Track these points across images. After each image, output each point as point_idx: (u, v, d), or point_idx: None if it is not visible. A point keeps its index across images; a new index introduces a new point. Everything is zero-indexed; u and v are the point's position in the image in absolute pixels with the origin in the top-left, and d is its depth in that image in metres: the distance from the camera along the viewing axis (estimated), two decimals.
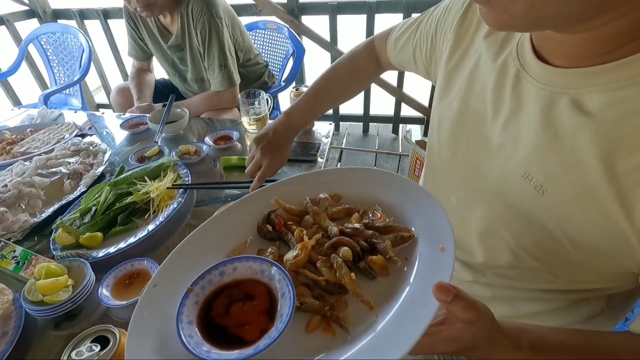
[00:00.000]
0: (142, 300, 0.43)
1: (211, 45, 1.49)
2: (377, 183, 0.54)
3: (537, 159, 0.45)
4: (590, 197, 0.40)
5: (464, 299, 0.36)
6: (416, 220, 0.48)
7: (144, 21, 1.61)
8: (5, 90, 2.66)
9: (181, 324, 0.39)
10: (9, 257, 0.75)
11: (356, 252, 0.46)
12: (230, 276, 0.45)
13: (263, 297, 0.42)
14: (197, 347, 0.37)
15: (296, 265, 0.46)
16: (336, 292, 0.44)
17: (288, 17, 2.23)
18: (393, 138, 2.82)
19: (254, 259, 0.46)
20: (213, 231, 0.52)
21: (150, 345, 0.39)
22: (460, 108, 0.57)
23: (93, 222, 0.82)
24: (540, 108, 0.44)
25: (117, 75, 2.91)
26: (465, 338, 0.39)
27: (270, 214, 0.54)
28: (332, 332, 0.40)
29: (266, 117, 1.25)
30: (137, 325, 0.40)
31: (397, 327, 0.37)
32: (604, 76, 0.38)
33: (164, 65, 1.73)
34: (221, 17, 1.49)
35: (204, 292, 0.44)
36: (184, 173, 0.96)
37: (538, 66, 0.45)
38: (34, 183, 0.94)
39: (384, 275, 0.44)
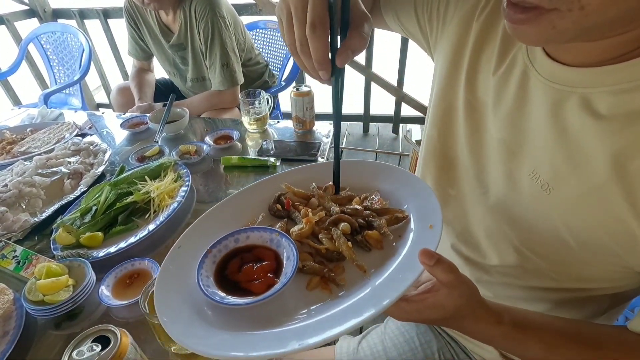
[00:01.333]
0: (168, 258, 0.51)
1: (213, 44, 1.49)
2: (378, 173, 0.61)
3: (544, 157, 0.44)
4: (599, 196, 0.40)
5: (445, 264, 0.40)
6: (410, 204, 0.54)
7: (144, 20, 1.61)
8: (5, 90, 2.66)
9: (201, 276, 0.47)
10: (10, 257, 0.75)
11: (354, 227, 0.52)
12: (244, 242, 0.52)
13: (271, 260, 0.49)
14: (213, 295, 0.45)
15: (300, 235, 0.52)
16: (335, 259, 0.50)
17: None
18: (393, 138, 2.82)
19: (265, 229, 0.53)
20: (230, 207, 0.60)
21: (175, 290, 0.47)
22: (469, 100, 0.56)
23: (93, 221, 0.82)
24: (549, 106, 0.44)
25: (117, 75, 2.91)
26: (449, 305, 0.41)
27: (280, 196, 0.61)
28: (330, 291, 0.46)
29: (266, 117, 1.25)
30: (163, 275, 0.48)
31: (385, 285, 0.43)
32: (614, 76, 0.38)
33: (164, 64, 1.73)
34: (224, 17, 1.49)
35: (220, 254, 0.51)
36: (184, 173, 0.96)
37: (547, 63, 0.44)
38: (34, 183, 0.93)
39: (379, 249, 0.50)
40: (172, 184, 0.91)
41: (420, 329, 0.72)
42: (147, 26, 1.62)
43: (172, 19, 1.53)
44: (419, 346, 0.69)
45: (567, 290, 0.51)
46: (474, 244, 0.59)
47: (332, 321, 0.40)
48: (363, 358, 0.70)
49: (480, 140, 0.54)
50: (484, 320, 0.44)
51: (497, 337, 0.45)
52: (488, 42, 0.53)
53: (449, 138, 0.60)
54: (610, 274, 0.45)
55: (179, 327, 0.41)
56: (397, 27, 0.71)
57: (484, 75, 0.53)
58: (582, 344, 0.44)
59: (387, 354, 0.69)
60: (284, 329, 0.41)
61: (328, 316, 0.41)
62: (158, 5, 1.42)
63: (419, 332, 0.72)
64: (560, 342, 0.45)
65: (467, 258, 0.61)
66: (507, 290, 0.56)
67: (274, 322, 0.42)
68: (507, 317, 0.45)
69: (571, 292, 0.51)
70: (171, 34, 1.57)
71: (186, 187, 0.90)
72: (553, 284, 0.51)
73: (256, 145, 1.17)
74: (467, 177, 0.57)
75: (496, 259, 0.55)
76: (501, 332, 0.44)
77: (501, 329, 0.44)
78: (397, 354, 0.69)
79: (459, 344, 0.69)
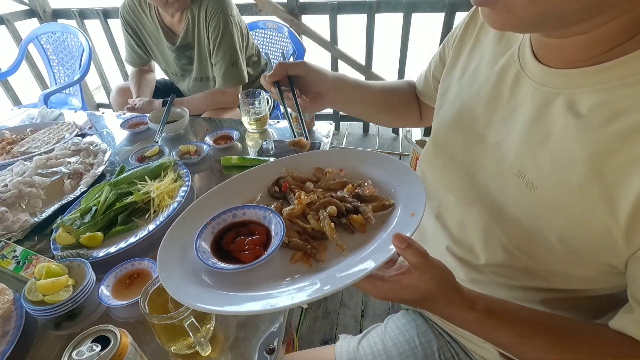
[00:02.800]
0: (173, 226, 0.57)
1: (222, 43, 1.50)
2: (373, 163, 0.65)
3: (530, 157, 0.46)
4: (578, 195, 0.41)
5: (415, 247, 0.43)
6: (400, 193, 0.57)
7: (144, 26, 1.60)
8: (5, 90, 2.66)
9: (198, 243, 0.53)
10: (10, 257, 0.75)
11: (341, 210, 0.56)
12: (240, 218, 0.59)
13: (262, 235, 0.55)
14: (206, 259, 0.51)
15: (291, 215, 0.57)
16: (319, 237, 0.55)
17: (288, 17, 2.22)
18: (393, 138, 2.82)
19: (260, 207, 0.59)
20: (233, 187, 0.65)
21: (175, 253, 0.53)
22: (459, 108, 0.59)
23: (93, 221, 0.82)
24: (536, 108, 0.46)
25: (117, 75, 2.91)
26: (421, 287, 0.44)
27: (279, 179, 0.66)
28: (310, 265, 0.51)
29: (266, 117, 1.25)
30: (168, 240, 0.55)
31: (359, 262, 0.47)
32: (597, 76, 0.40)
33: (166, 67, 1.72)
34: (234, 16, 1.51)
35: (218, 226, 0.58)
36: (184, 173, 0.96)
37: (536, 67, 0.46)
38: (34, 183, 0.93)
39: (362, 232, 0.54)
40: (172, 184, 0.91)
41: (420, 328, 0.72)
42: (147, 31, 1.62)
43: (177, 21, 1.53)
44: (419, 346, 0.69)
45: (560, 291, 0.52)
46: (467, 245, 0.59)
47: (305, 289, 0.45)
48: (363, 357, 0.70)
49: (474, 145, 0.56)
50: (457, 304, 0.46)
51: (470, 322, 0.47)
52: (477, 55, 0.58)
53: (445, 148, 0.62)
54: (598, 273, 0.46)
55: (174, 283, 0.48)
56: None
57: (475, 84, 0.57)
58: (555, 334, 0.45)
59: (387, 353, 0.69)
60: (263, 293, 0.47)
61: (302, 285, 0.46)
62: (182, 4, 1.43)
63: (419, 331, 0.72)
64: (533, 331, 0.46)
65: (461, 259, 0.62)
66: (501, 290, 0.56)
67: (257, 287, 0.48)
68: (480, 303, 0.46)
69: (564, 292, 0.51)
70: (175, 36, 1.57)
71: (186, 187, 0.90)
72: (545, 284, 0.52)
73: (256, 145, 1.17)
74: (462, 182, 0.59)
75: (487, 259, 0.56)
76: (474, 318, 0.46)
77: (474, 315, 0.46)
78: (397, 353, 0.69)
79: (459, 344, 0.69)
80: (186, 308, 0.52)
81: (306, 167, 0.68)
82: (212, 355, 0.57)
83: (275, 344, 0.59)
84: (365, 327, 0.80)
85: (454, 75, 0.63)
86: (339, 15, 2.26)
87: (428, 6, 2.14)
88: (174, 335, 0.55)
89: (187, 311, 0.52)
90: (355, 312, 1.55)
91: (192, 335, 0.52)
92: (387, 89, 0.84)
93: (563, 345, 0.44)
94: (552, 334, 0.45)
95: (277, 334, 0.60)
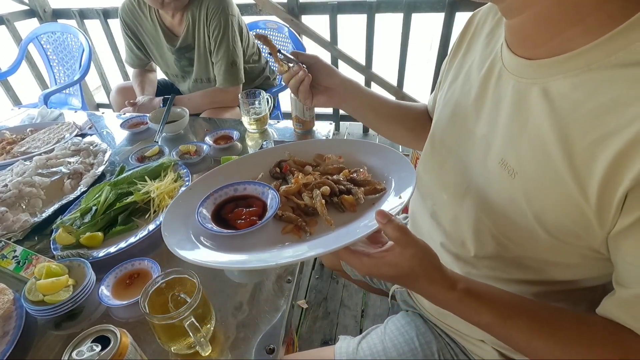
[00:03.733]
0: (180, 195, 0.65)
1: (223, 42, 1.50)
2: (370, 151, 0.70)
3: (511, 145, 0.48)
4: (554, 178, 0.42)
5: (395, 223, 0.45)
6: (393, 180, 0.62)
7: (144, 27, 1.60)
8: (5, 90, 2.66)
9: (200, 210, 0.60)
10: (10, 257, 0.75)
11: (334, 191, 0.61)
12: (241, 192, 0.65)
13: (259, 208, 0.61)
14: (205, 223, 0.58)
15: (287, 192, 0.63)
16: (310, 213, 0.60)
17: (288, 17, 2.22)
18: None
19: (260, 184, 0.65)
20: (237, 165, 0.72)
21: (178, 217, 0.60)
22: (454, 108, 0.61)
23: (93, 221, 0.82)
24: (515, 99, 0.48)
25: (117, 75, 2.91)
26: (402, 264, 0.46)
27: (281, 162, 0.71)
28: (299, 236, 0.56)
29: (266, 117, 1.25)
30: (173, 205, 0.62)
31: (343, 235, 0.52)
32: (565, 64, 0.42)
33: (166, 68, 1.72)
34: (235, 16, 1.51)
35: (220, 198, 0.64)
36: (184, 173, 0.96)
37: (512, 59, 0.49)
38: (34, 183, 0.93)
39: (352, 211, 0.59)
40: (172, 184, 0.91)
41: (420, 329, 0.72)
42: (147, 33, 1.61)
43: (177, 22, 1.53)
44: (419, 347, 0.69)
45: (552, 283, 0.52)
46: (460, 240, 0.60)
47: (292, 253, 0.51)
48: (363, 358, 0.70)
49: (466, 142, 0.58)
50: (438, 283, 0.47)
51: (451, 301, 0.48)
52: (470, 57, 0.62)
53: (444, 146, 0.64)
54: (585, 259, 0.46)
55: (174, 240, 0.54)
56: None
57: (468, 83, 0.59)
58: (536, 317, 0.46)
59: (387, 354, 0.69)
60: (252, 254, 0.53)
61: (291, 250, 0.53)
62: (180, 4, 1.42)
63: (419, 332, 0.72)
64: (513, 313, 0.47)
65: (455, 254, 0.62)
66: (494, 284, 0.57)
67: (250, 251, 0.54)
68: (462, 284, 0.47)
69: (556, 284, 0.52)
70: (176, 37, 1.57)
71: (186, 187, 0.90)
72: (536, 276, 0.52)
73: (256, 145, 1.17)
74: (456, 178, 0.60)
75: (478, 250, 0.57)
76: (454, 297, 0.47)
77: (454, 294, 0.47)
78: (397, 354, 0.69)
79: (458, 345, 0.69)
80: (186, 308, 0.52)
81: (309, 153, 0.74)
82: (212, 355, 0.57)
83: (275, 344, 0.59)
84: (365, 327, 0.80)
85: (448, 80, 0.66)
86: (339, 15, 2.26)
87: (428, 6, 2.14)
88: (174, 335, 0.55)
89: (187, 311, 0.52)
90: (355, 313, 1.55)
91: (192, 335, 0.52)
92: (402, 105, 0.85)
93: (543, 327, 0.45)
94: (532, 316, 0.46)
95: (277, 334, 0.60)
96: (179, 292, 0.56)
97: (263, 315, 0.63)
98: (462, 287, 0.47)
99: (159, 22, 1.55)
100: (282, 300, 0.66)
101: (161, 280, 0.57)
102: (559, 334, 0.44)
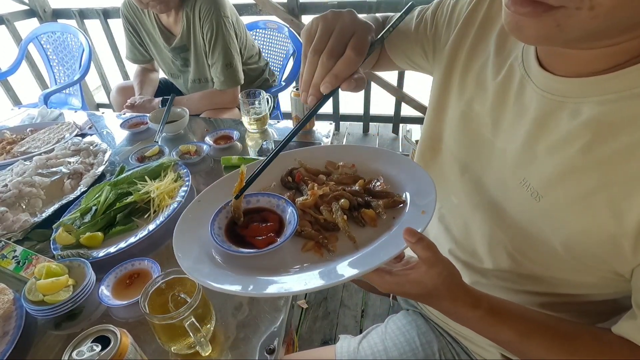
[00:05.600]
0: (188, 209, 0.58)
1: (217, 44, 1.49)
2: (383, 159, 0.66)
3: (533, 166, 0.46)
4: (584, 204, 0.41)
5: (425, 241, 0.43)
6: (410, 191, 0.58)
7: (143, 24, 1.60)
8: (5, 90, 2.66)
9: (213, 227, 0.54)
10: (10, 257, 0.75)
11: (353, 204, 0.57)
12: (254, 205, 0.60)
13: (275, 222, 0.56)
14: (222, 242, 0.52)
15: (304, 205, 0.58)
16: (330, 228, 0.55)
17: (288, 17, 2.22)
18: (393, 138, 2.82)
19: (274, 195, 0.59)
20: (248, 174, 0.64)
21: (190, 234, 0.54)
22: (465, 110, 0.57)
23: (93, 221, 0.82)
24: (540, 115, 0.45)
25: (117, 75, 2.91)
26: (427, 282, 0.44)
27: (292, 170, 0.67)
28: (321, 254, 0.52)
29: (266, 117, 1.25)
30: (183, 221, 0.56)
31: (369, 255, 0.48)
32: (603, 85, 0.39)
33: (165, 67, 1.73)
34: (228, 17, 1.50)
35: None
36: (184, 173, 0.95)
37: (540, 74, 0.45)
38: (34, 183, 0.93)
39: (372, 226, 0.55)
40: (172, 184, 0.91)
41: (421, 329, 0.72)
42: (146, 30, 1.62)
43: (173, 21, 1.53)
44: (420, 346, 0.69)
45: (564, 296, 0.51)
46: (470, 249, 0.59)
47: (316, 277, 0.46)
48: (364, 358, 0.70)
49: (480, 149, 0.55)
50: (461, 301, 0.46)
51: (473, 319, 0.47)
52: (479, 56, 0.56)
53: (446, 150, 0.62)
54: (603, 280, 0.45)
55: (189, 262, 0.49)
56: (407, 65, 0.74)
57: (479, 86, 0.55)
58: (555, 335, 0.45)
59: (388, 354, 0.69)
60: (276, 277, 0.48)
61: (314, 272, 0.47)
62: (164, 7, 1.41)
63: (420, 332, 0.72)
64: (533, 332, 0.46)
65: (464, 262, 0.61)
66: (504, 294, 0.56)
67: (269, 272, 0.49)
68: (485, 302, 0.46)
69: (568, 297, 0.51)
70: (173, 37, 1.57)
71: (186, 187, 0.90)
72: (549, 288, 0.52)
73: (256, 145, 1.17)
74: (468, 186, 0.58)
75: (491, 264, 0.56)
76: (477, 315, 0.46)
77: (477, 313, 0.46)
78: (398, 354, 0.69)
79: (460, 344, 0.69)
80: (186, 308, 0.52)
81: (318, 159, 0.70)
82: (212, 355, 0.57)
83: (275, 344, 0.59)
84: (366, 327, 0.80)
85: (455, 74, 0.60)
86: None
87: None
88: (174, 335, 0.55)
89: (187, 311, 0.52)
90: (356, 312, 1.55)
91: (193, 335, 0.52)
92: None
93: (562, 346, 0.45)
94: (552, 334, 0.45)
95: (277, 334, 0.60)
96: (179, 292, 0.56)
97: (263, 315, 0.63)
98: (485, 305, 0.46)
99: (156, 20, 1.55)
100: (282, 300, 0.66)
101: (161, 280, 0.57)
102: (577, 353, 0.44)
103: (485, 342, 0.63)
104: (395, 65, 0.76)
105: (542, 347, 0.45)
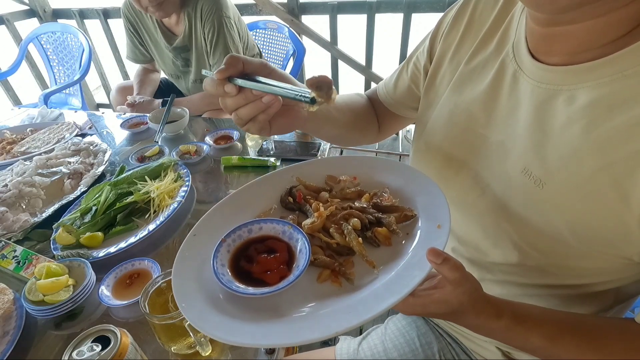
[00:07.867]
0: (184, 245, 0.52)
1: (218, 44, 1.49)
2: (386, 170, 0.62)
3: (534, 154, 0.46)
4: (589, 187, 0.41)
5: (451, 262, 0.41)
6: (419, 202, 0.54)
7: (144, 25, 1.60)
8: (5, 90, 2.66)
9: (216, 265, 0.48)
10: (10, 257, 0.75)
11: (364, 223, 0.53)
12: (257, 233, 0.54)
13: (283, 252, 0.50)
14: (229, 284, 0.46)
15: (312, 229, 0.53)
16: (345, 253, 0.51)
17: (288, 17, 2.23)
18: (393, 138, 2.81)
19: (277, 221, 0.54)
20: (243, 197, 0.60)
21: (190, 276, 0.48)
22: (452, 109, 0.58)
23: (93, 221, 0.82)
24: (536, 105, 0.46)
25: (117, 75, 2.91)
26: (453, 301, 0.42)
27: (292, 188, 0.61)
28: (339, 284, 0.47)
29: None
30: (180, 262, 0.49)
31: (394, 282, 0.43)
32: (596, 71, 0.40)
33: (165, 67, 1.72)
34: (230, 17, 1.50)
35: (234, 244, 0.52)
36: (184, 173, 0.95)
37: (534, 65, 0.46)
38: (34, 183, 0.93)
39: (387, 245, 0.51)
40: (172, 184, 0.91)
41: (421, 330, 0.72)
42: (147, 30, 1.62)
43: (175, 22, 1.53)
44: (420, 347, 0.69)
45: (569, 287, 0.52)
46: (473, 244, 0.59)
47: (344, 316, 0.41)
48: (363, 359, 0.70)
49: (474, 145, 0.55)
50: (485, 313, 0.45)
51: (498, 330, 0.46)
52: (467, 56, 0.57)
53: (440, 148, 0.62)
54: (611, 265, 0.46)
55: (195, 312, 0.43)
56: (411, 111, 0.75)
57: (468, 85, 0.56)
58: (583, 334, 0.45)
59: (388, 355, 0.69)
60: (296, 323, 0.42)
61: (339, 309, 0.42)
62: (163, 13, 1.41)
63: (420, 333, 0.72)
64: (561, 333, 0.45)
65: (469, 259, 0.61)
66: (510, 288, 0.56)
67: (285, 312, 0.44)
68: (507, 310, 0.45)
69: (573, 288, 0.52)
70: (174, 37, 1.57)
71: (186, 187, 0.90)
72: (555, 280, 0.52)
73: (256, 145, 1.17)
74: (464, 181, 0.58)
75: (498, 257, 0.55)
76: (502, 325, 0.45)
77: (502, 322, 0.45)
78: (398, 355, 0.69)
79: (460, 345, 0.69)
80: None
81: (317, 174, 0.64)
82: (212, 355, 0.57)
83: None
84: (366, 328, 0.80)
85: (441, 75, 0.61)
86: (339, 16, 2.26)
87: (428, 6, 2.14)
88: (174, 335, 0.55)
89: None
90: None
91: (193, 335, 0.52)
92: (350, 104, 0.74)
93: (591, 343, 0.44)
94: (580, 333, 0.45)
95: None
96: None
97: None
98: (509, 313, 0.45)
99: (157, 20, 1.55)
100: None
101: (161, 280, 0.57)
102: (607, 348, 0.44)
103: (484, 339, 0.63)
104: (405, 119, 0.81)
105: (574, 347, 0.45)
